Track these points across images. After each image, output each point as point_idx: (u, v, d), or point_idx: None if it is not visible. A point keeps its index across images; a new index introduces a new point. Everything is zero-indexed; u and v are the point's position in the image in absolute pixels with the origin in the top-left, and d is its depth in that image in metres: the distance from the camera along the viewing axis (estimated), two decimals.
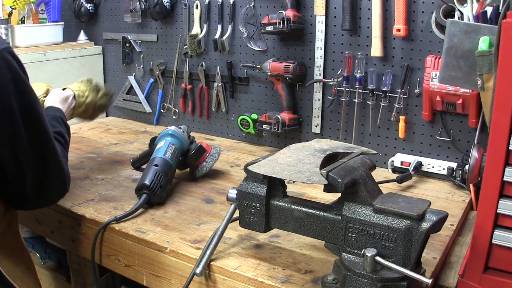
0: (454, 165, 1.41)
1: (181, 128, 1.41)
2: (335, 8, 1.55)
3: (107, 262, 1.16)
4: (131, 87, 2.12)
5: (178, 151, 1.35)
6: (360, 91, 1.53)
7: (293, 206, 0.91)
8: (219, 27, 1.79)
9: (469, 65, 1.12)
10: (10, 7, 1.93)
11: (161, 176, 1.23)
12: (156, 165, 1.26)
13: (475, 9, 1.23)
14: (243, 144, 1.85)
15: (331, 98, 1.60)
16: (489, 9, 1.18)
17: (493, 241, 0.81)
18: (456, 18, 1.27)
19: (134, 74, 2.11)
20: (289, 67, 1.62)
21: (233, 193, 0.98)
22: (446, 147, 1.46)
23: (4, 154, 0.87)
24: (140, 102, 2.09)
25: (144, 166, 1.35)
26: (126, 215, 1.15)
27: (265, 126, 1.71)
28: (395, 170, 1.51)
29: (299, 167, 0.87)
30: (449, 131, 1.44)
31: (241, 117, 1.81)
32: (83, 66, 2.11)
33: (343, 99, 1.57)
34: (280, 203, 0.92)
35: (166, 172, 1.26)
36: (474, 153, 0.94)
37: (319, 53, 1.60)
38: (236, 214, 0.99)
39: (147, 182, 1.20)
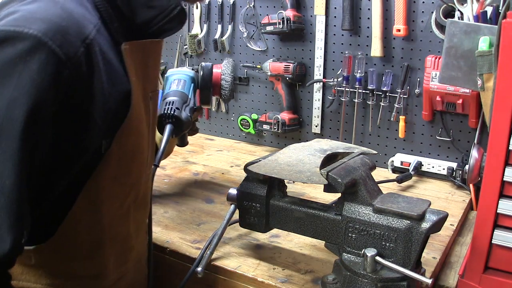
0: (454, 165, 1.41)
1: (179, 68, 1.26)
2: (335, 8, 1.55)
3: None
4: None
5: (184, 81, 1.18)
6: (360, 91, 1.53)
7: (293, 206, 0.91)
8: (219, 27, 1.79)
9: (469, 65, 1.12)
10: None
11: (173, 101, 1.08)
12: (164, 99, 1.11)
13: (475, 9, 1.23)
14: (243, 144, 1.85)
15: (331, 98, 1.61)
16: (489, 9, 1.18)
17: (493, 241, 0.81)
18: (456, 18, 1.27)
19: None
20: (289, 67, 1.62)
21: (233, 193, 0.98)
22: (446, 147, 1.46)
23: None
24: None
25: None
26: (160, 154, 0.96)
27: (265, 126, 1.71)
28: (395, 170, 1.51)
29: (299, 167, 0.87)
30: (449, 131, 1.44)
31: (241, 117, 1.81)
32: None
33: (343, 99, 1.57)
34: (280, 203, 0.92)
35: (179, 97, 1.11)
36: (474, 153, 0.94)
37: (319, 53, 1.60)
38: (236, 214, 0.99)
39: (161, 112, 1.05)
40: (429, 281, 0.74)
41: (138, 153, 0.78)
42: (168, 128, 1.05)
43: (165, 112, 1.06)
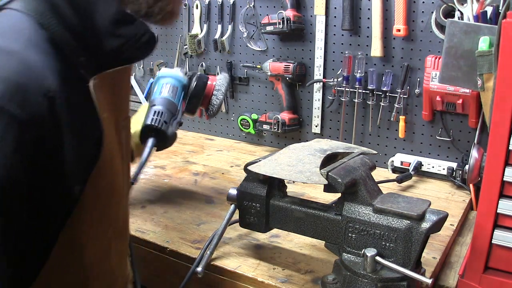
0: (454, 165, 1.41)
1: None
2: (335, 8, 1.55)
3: None
4: (131, 87, 2.12)
5: (176, 88, 1.14)
6: (360, 91, 1.53)
7: (293, 206, 0.91)
8: (219, 27, 1.79)
9: (469, 65, 1.12)
10: None
11: (162, 113, 1.07)
12: (153, 105, 1.09)
13: (475, 9, 1.23)
14: (243, 144, 1.85)
15: (331, 98, 1.61)
16: (489, 9, 1.18)
17: (493, 241, 0.81)
18: (456, 18, 1.27)
19: (134, 74, 2.11)
20: (289, 67, 1.62)
21: (233, 193, 0.98)
22: (446, 147, 1.46)
23: None
24: (140, 102, 2.09)
25: None
26: (137, 171, 0.99)
27: (265, 126, 1.71)
28: (395, 170, 1.51)
29: (299, 167, 0.87)
30: (449, 131, 1.44)
31: (241, 117, 1.81)
32: None
33: (343, 99, 1.57)
34: (280, 203, 0.92)
35: (169, 108, 1.09)
36: (474, 153, 0.94)
37: (319, 53, 1.60)
38: (236, 214, 0.99)
39: (148, 122, 1.05)
40: (429, 281, 0.74)
41: (114, 189, 0.75)
42: (151, 141, 1.04)
43: (152, 124, 1.05)
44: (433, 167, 1.45)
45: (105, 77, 0.68)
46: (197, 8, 1.83)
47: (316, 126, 1.67)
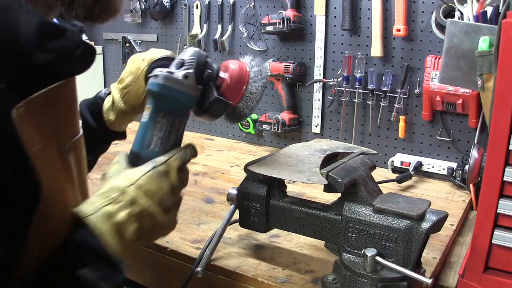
0: (454, 165, 1.41)
1: (183, 65, 0.78)
2: (335, 8, 1.55)
3: None
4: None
5: (177, 124, 0.81)
6: (360, 91, 1.53)
7: (293, 206, 0.91)
8: (219, 27, 1.79)
9: (469, 65, 1.12)
10: None
11: None
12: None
13: (475, 9, 1.23)
14: (243, 144, 1.85)
15: (331, 98, 1.61)
16: (489, 9, 1.18)
17: (493, 241, 0.81)
18: (456, 18, 1.27)
19: None
20: (289, 67, 1.62)
21: (233, 193, 0.98)
22: (446, 147, 1.46)
23: None
24: None
25: None
26: None
27: (265, 126, 1.71)
28: (395, 170, 1.51)
29: (299, 167, 0.87)
30: (449, 131, 1.44)
31: None
32: None
33: (343, 99, 1.57)
34: (280, 203, 0.92)
35: None
36: (474, 153, 0.94)
37: (319, 53, 1.60)
38: (236, 214, 0.99)
39: None
40: (429, 281, 0.74)
41: (67, 219, 0.67)
42: None
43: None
44: (433, 167, 1.45)
45: (36, 100, 0.58)
46: (197, 8, 1.83)
47: (316, 126, 1.67)
